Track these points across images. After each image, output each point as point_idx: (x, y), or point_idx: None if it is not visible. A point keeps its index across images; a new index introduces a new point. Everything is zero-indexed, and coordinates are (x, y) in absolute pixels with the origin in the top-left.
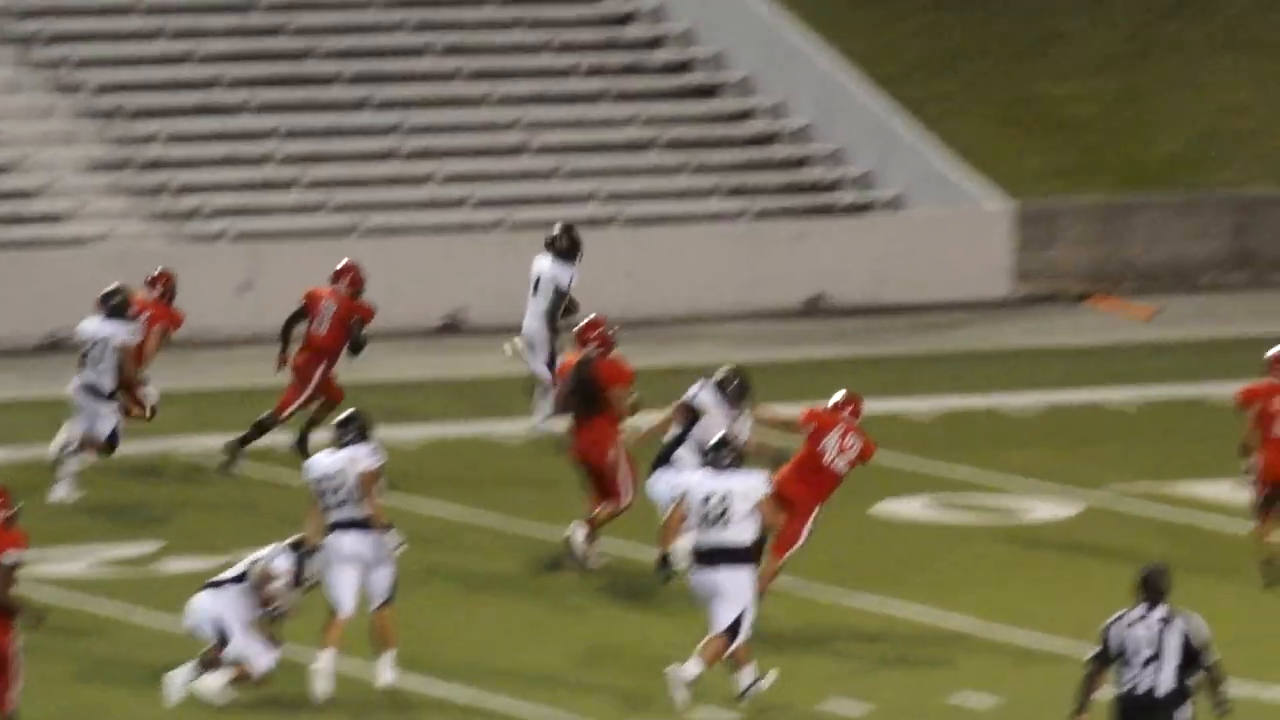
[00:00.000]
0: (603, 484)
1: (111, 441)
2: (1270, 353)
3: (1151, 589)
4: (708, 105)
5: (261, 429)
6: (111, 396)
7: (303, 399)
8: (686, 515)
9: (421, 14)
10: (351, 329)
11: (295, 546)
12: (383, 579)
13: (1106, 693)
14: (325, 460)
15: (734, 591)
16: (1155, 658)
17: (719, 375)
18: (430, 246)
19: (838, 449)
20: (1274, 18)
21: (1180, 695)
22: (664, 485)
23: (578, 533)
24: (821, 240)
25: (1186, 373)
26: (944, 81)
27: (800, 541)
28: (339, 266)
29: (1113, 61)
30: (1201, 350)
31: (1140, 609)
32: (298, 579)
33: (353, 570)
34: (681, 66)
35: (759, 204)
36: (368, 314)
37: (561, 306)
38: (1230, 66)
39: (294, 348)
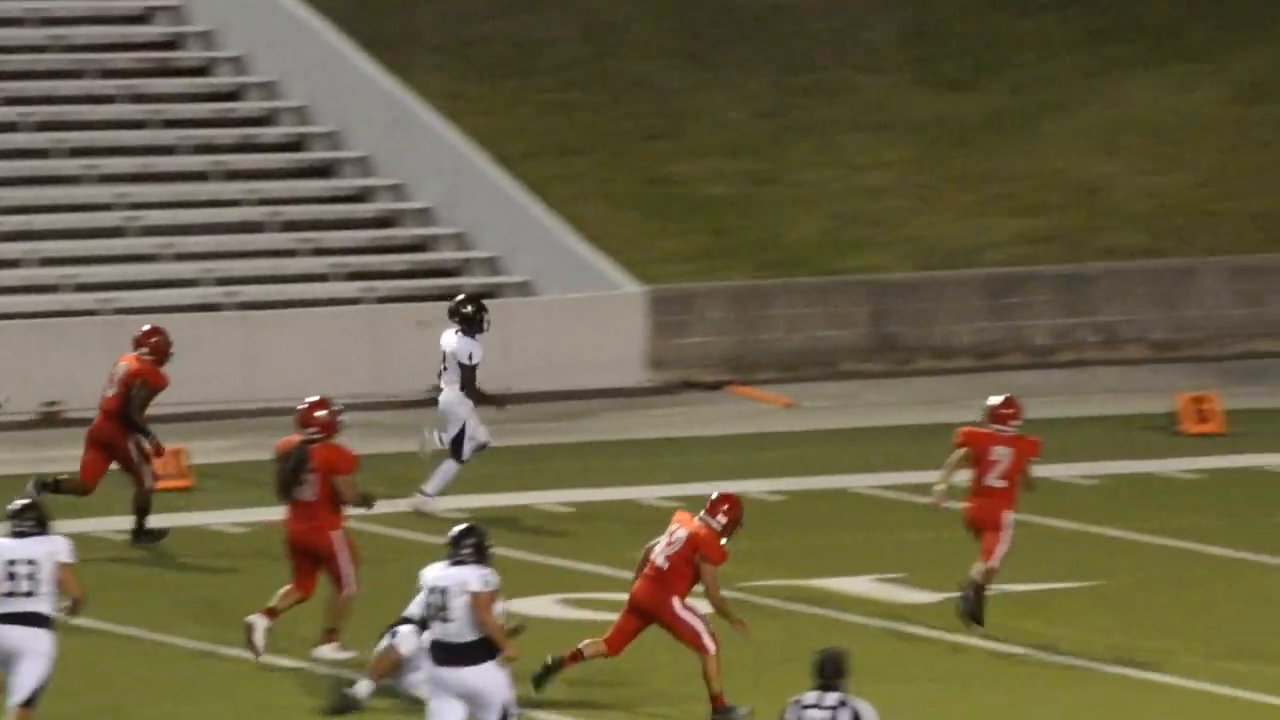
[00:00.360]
0: (315, 572)
1: None
2: (989, 401)
3: (826, 673)
4: (325, 184)
5: (140, 508)
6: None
7: (146, 470)
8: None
9: (14, 87)
10: (130, 388)
11: None
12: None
13: None
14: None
15: (488, 691)
16: None
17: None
18: (24, 334)
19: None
20: (908, 99)
21: None
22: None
23: (258, 621)
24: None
25: (827, 463)
26: (574, 162)
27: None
28: (144, 329)
29: (748, 142)
30: (842, 439)
31: (814, 694)
32: None
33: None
34: (296, 143)
35: (382, 288)
36: (157, 381)
37: (474, 379)
38: (867, 148)
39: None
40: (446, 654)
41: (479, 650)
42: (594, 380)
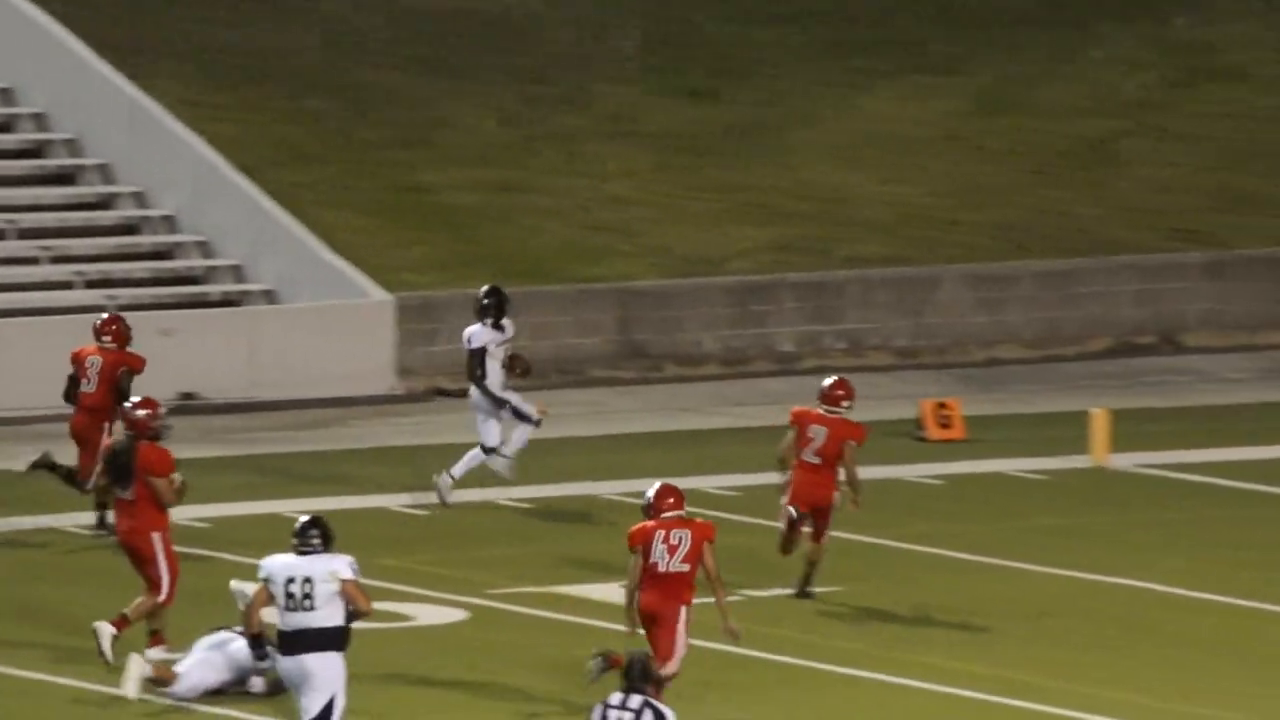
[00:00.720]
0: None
1: None
2: (824, 382)
3: (633, 676)
4: (66, 191)
5: (68, 478)
6: None
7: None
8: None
9: None
10: (119, 381)
11: None
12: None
13: None
14: None
15: (322, 678)
16: None
17: None
18: None
19: (666, 551)
20: (653, 108)
21: None
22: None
23: (103, 629)
24: (192, 334)
25: (576, 470)
26: (319, 170)
27: (680, 653)
28: (101, 319)
29: (493, 151)
30: (591, 446)
31: (619, 696)
32: None
33: None
34: (36, 150)
35: (124, 296)
36: (137, 364)
37: (472, 363)
38: (612, 157)
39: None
40: (300, 641)
41: (332, 638)
42: (342, 388)
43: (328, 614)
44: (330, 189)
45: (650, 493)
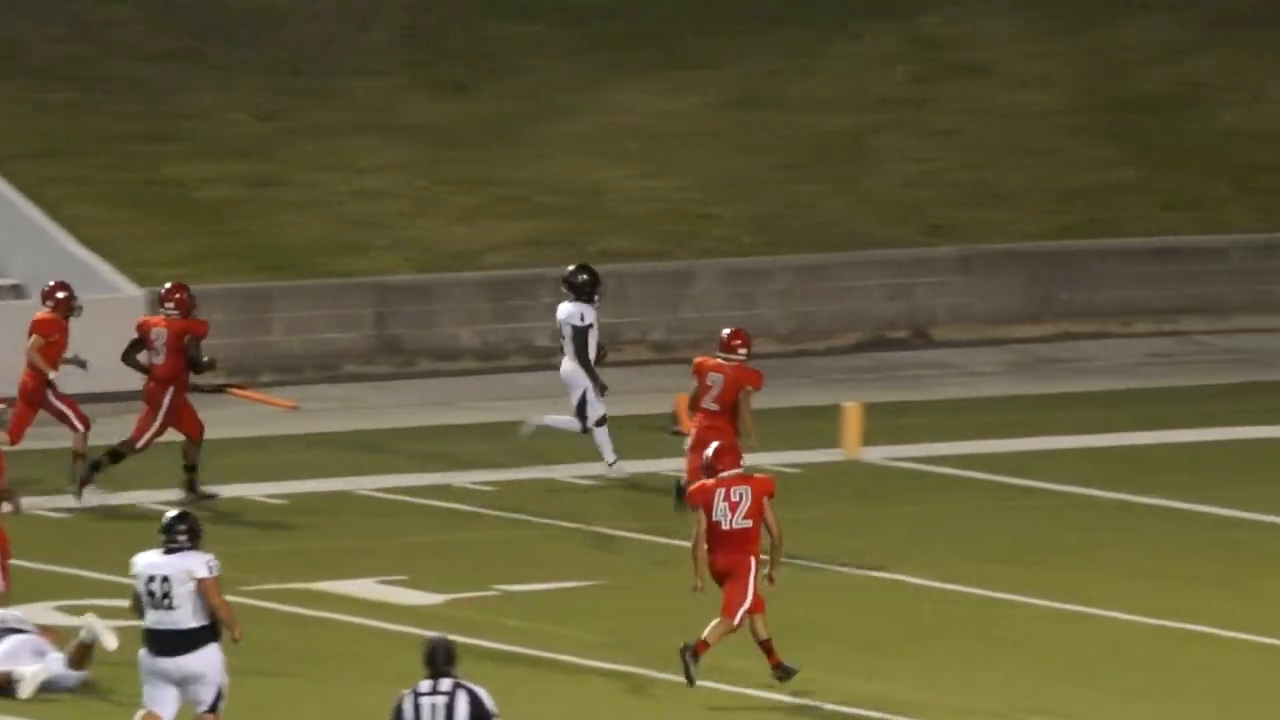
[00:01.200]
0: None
1: None
2: (723, 332)
3: (437, 661)
4: None
5: (116, 456)
6: None
7: (154, 428)
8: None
9: None
10: (187, 349)
11: None
12: None
13: None
14: None
15: (207, 673)
16: None
17: None
18: None
19: (728, 509)
20: (407, 102)
21: None
22: None
23: None
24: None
25: (329, 465)
26: (69, 163)
27: (744, 605)
28: (165, 288)
29: (247, 144)
30: (345, 441)
31: (428, 682)
32: None
33: None
34: None
35: None
36: (200, 329)
37: (589, 344)
38: (367, 150)
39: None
40: (167, 642)
41: (202, 635)
42: (92, 384)
43: (188, 613)
44: (80, 182)
45: (709, 451)
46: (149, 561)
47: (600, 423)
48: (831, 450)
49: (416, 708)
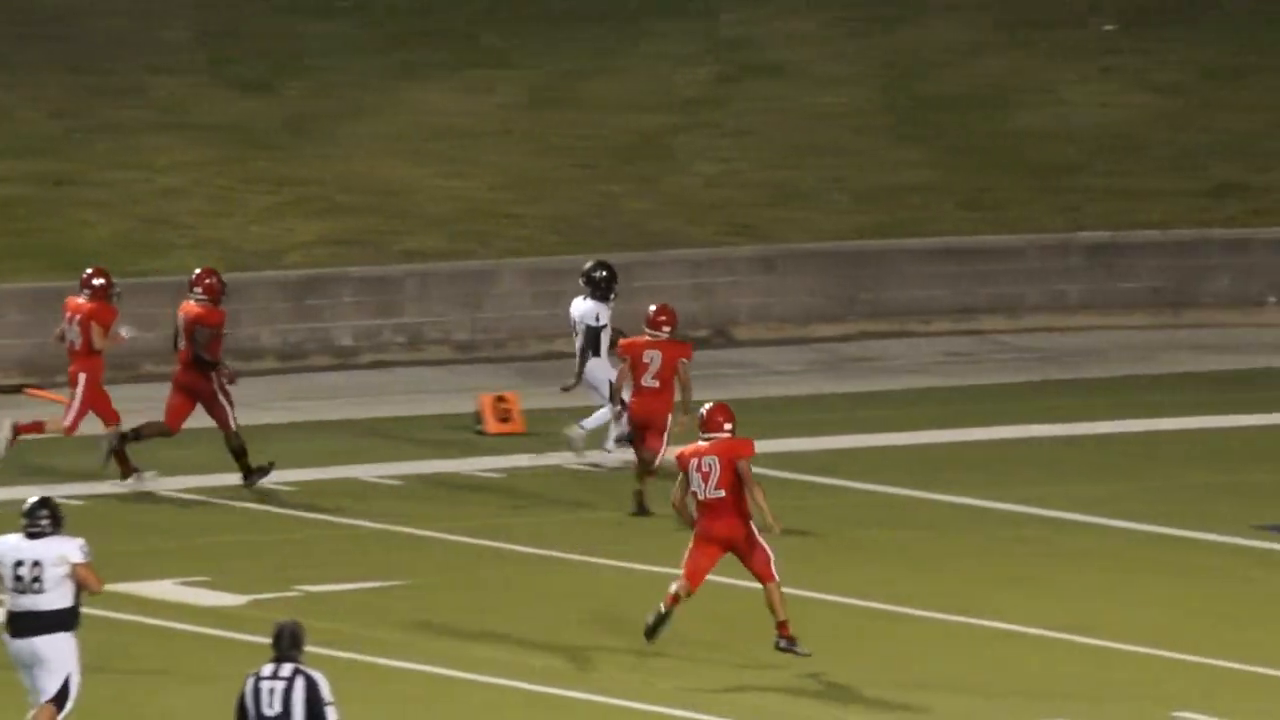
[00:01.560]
0: None
1: None
2: (649, 309)
3: (282, 645)
4: None
5: (236, 452)
6: None
7: (230, 409)
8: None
9: None
10: (194, 335)
11: None
12: None
13: None
14: None
15: (55, 659)
16: (283, 715)
17: None
18: None
19: (701, 480)
20: (206, 100)
21: None
22: None
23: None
24: None
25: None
26: None
27: (770, 558)
28: (195, 274)
29: (42, 143)
30: (148, 441)
31: (271, 665)
32: None
33: None
34: None
35: None
36: (211, 319)
37: (601, 344)
38: (165, 149)
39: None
40: (25, 624)
41: (58, 620)
42: None
43: (56, 596)
44: None
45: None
46: (13, 545)
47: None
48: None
49: (257, 690)
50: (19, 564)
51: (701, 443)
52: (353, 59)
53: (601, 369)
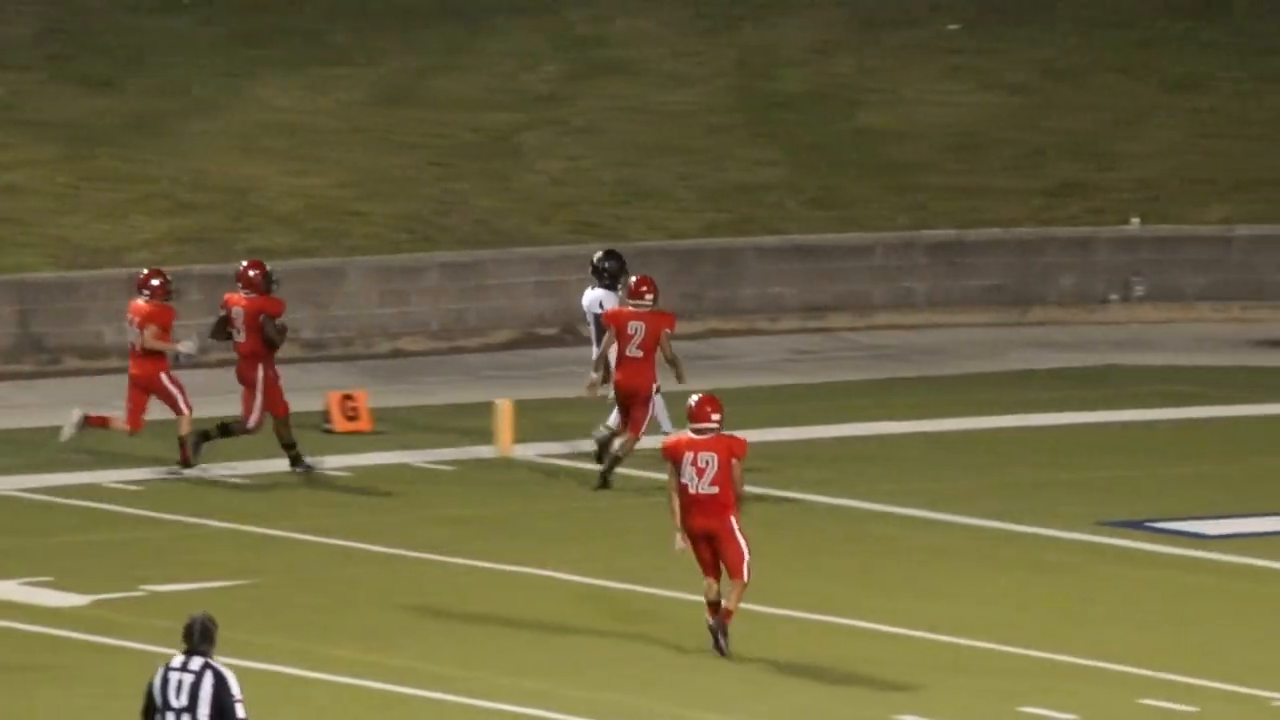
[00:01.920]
0: None
1: None
2: (630, 279)
3: (193, 639)
4: None
5: (226, 431)
6: None
7: (258, 404)
8: None
9: None
10: (263, 326)
11: None
12: None
13: None
14: None
15: None
16: (190, 708)
17: None
18: None
19: (695, 474)
20: (48, 97)
21: None
22: None
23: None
24: None
25: None
26: None
27: (746, 559)
28: (241, 266)
29: None
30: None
31: (181, 658)
32: None
33: None
34: None
35: None
36: (273, 308)
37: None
38: (7, 146)
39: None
40: None
41: None
42: None
43: None
44: None
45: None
46: None
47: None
48: (484, 447)
49: (165, 681)
50: None
51: (691, 434)
52: (197, 56)
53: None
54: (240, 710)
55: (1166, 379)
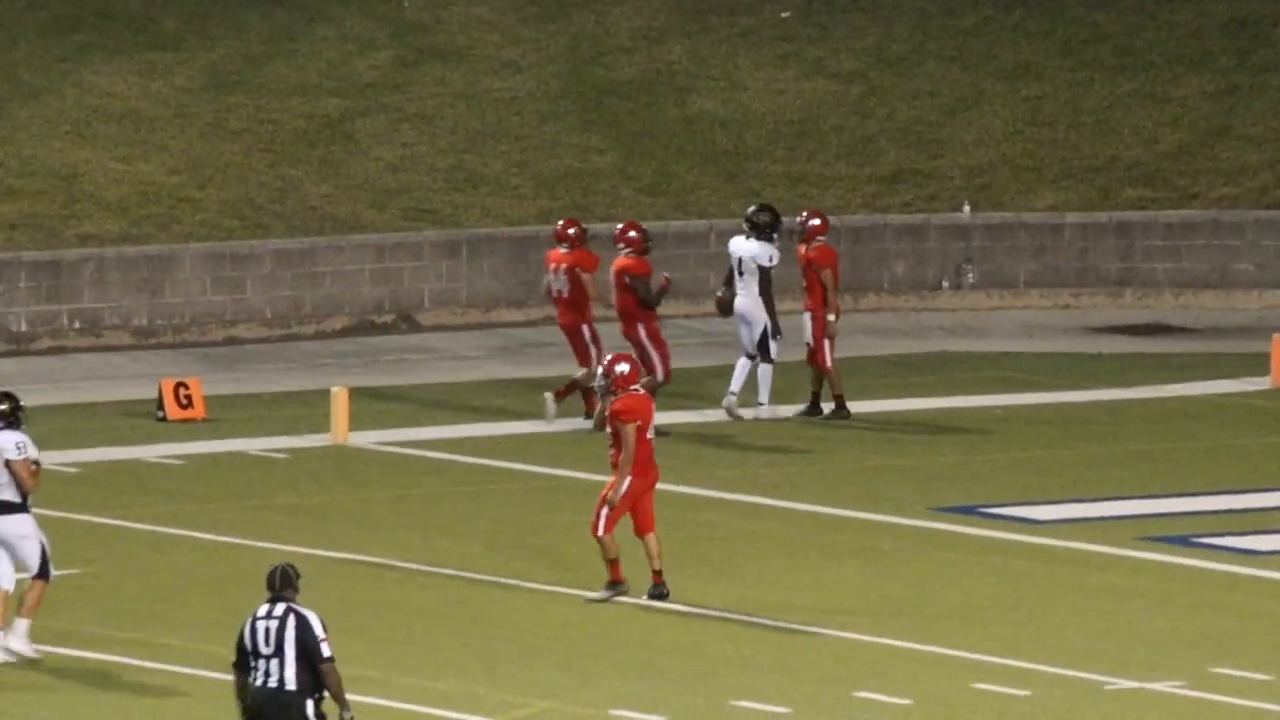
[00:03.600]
0: None
1: None
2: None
3: (275, 586)
4: None
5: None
6: None
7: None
8: None
9: None
10: (633, 288)
11: None
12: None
13: None
14: None
15: (22, 532)
16: (277, 653)
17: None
18: None
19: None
20: None
21: (304, 691)
22: None
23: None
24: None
25: None
26: None
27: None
28: (559, 224)
29: None
30: None
31: (265, 606)
32: None
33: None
34: None
35: None
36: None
37: (769, 281)
38: None
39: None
40: None
41: (14, 504)
42: None
43: (7, 490)
44: None
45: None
46: None
47: (769, 361)
48: (320, 435)
49: (253, 630)
50: None
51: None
52: (22, 40)
53: (761, 312)
54: (326, 649)
55: (998, 365)
